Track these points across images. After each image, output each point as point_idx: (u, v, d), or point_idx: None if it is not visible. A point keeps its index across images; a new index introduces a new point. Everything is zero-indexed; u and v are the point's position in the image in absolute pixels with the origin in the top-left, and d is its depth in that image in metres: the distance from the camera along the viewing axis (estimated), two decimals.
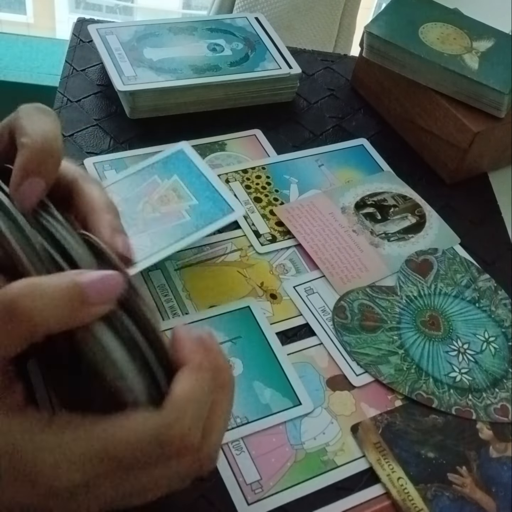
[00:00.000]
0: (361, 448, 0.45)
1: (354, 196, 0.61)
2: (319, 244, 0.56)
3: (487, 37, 0.67)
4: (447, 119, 0.63)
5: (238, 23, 0.72)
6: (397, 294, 0.53)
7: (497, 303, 0.54)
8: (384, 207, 0.61)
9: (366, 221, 0.59)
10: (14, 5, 2.20)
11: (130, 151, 0.61)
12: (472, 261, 0.57)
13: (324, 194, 0.61)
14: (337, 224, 0.58)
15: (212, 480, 0.42)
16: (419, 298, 0.53)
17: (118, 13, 2.28)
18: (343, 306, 0.52)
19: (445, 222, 0.60)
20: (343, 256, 0.56)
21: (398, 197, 0.62)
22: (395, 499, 0.42)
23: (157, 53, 0.66)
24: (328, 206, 0.60)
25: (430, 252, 0.57)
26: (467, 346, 0.51)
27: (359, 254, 0.56)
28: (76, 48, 0.71)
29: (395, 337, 0.50)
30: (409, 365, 0.49)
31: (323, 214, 0.59)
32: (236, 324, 0.50)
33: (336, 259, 0.55)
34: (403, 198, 0.62)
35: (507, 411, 0.47)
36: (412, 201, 0.62)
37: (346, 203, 0.60)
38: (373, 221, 0.59)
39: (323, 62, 0.76)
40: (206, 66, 0.66)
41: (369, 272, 0.55)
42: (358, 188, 0.62)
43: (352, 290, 0.53)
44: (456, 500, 0.43)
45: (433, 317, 0.52)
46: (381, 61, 0.66)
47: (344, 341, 0.50)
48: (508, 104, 0.61)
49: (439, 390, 0.48)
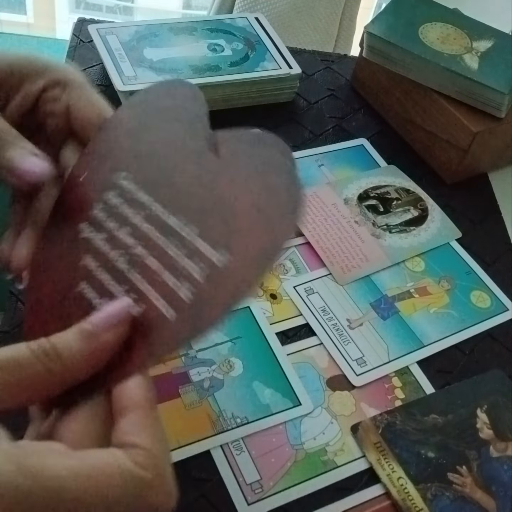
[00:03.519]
0: (361, 448, 0.45)
1: (358, 188, 0.62)
2: (321, 233, 0.57)
3: (487, 37, 0.67)
4: (447, 119, 0.63)
5: (238, 23, 0.72)
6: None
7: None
8: (387, 200, 0.61)
9: (369, 212, 0.59)
10: (14, 5, 2.20)
11: None
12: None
13: (328, 185, 0.62)
14: (339, 214, 0.59)
15: (212, 480, 0.42)
16: None
17: (118, 13, 2.28)
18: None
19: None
20: (344, 246, 0.56)
21: (401, 191, 0.62)
22: (395, 499, 0.42)
23: (157, 53, 0.66)
24: (331, 197, 0.60)
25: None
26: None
27: (360, 245, 0.57)
28: (76, 48, 0.71)
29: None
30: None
31: (326, 204, 0.59)
32: (236, 324, 0.50)
33: (337, 248, 0.56)
34: (406, 191, 0.62)
35: None
36: (415, 195, 0.62)
37: (349, 195, 0.61)
38: (375, 213, 0.60)
39: (323, 62, 0.76)
40: (206, 66, 0.66)
41: (369, 262, 0.55)
42: (362, 180, 0.63)
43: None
44: (456, 500, 0.43)
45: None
46: (381, 61, 0.66)
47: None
48: (508, 104, 0.61)
49: None
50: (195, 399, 0.45)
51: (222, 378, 0.47)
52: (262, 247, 0.31)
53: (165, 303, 0.33)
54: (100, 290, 0.35)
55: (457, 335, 0.53)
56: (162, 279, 0.34)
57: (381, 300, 0.54)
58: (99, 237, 0.36)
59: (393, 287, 0.55)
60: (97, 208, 0.37)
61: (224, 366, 0.47)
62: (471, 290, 0.56)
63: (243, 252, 0.32)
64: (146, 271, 0.34)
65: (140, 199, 0.36)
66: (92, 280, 0.36)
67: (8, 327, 0.47)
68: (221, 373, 0.47)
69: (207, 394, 0.46)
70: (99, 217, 0.37)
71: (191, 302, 0.33)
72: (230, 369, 0.47)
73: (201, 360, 0.47)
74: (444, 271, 0.57)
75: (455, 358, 0.52)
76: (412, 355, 0.51)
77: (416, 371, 0.50)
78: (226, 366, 0.47)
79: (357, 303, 0.53)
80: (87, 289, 0.36)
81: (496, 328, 0.54)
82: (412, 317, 0.53)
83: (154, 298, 0.34)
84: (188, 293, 0.33)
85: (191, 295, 0.33)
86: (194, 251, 0.33)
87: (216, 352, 0.48)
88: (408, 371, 0.50)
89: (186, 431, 0.44)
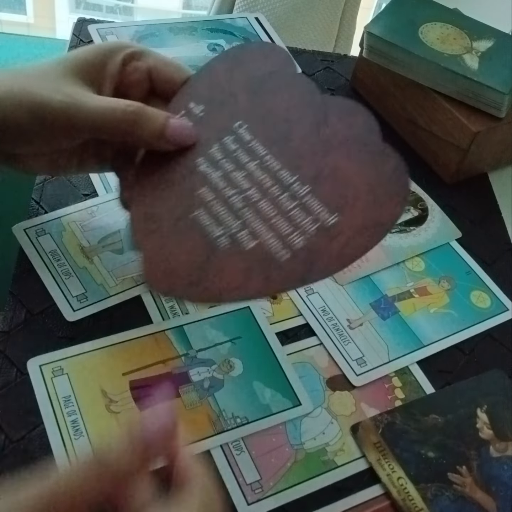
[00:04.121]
0: (361, 448, 0.45)
1: None
2: None
3: (487, 37, 0.67)
4: (447, 119, 0.63)
5: (238, 23, 0.72)
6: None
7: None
8: None
9: None
10: (14, 5, 2.19)
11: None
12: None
13: None
14: None
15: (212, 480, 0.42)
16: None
17: (118, 13, 2.28)
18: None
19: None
20: None
21: None
22: (395, 499, 0.42)
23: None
24: None
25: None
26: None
27: None
28: (76, 48, 0.70)
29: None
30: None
31: None
32: (236, 324, 0.50)
33: None
34: None
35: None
36: (415, 195, 0.62)
37: None
38: None
39: (323, 62, 0.76)
40: None
41: (369, 263, 0.55)
42: None
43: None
44: (456, 500, 0.43)
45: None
46: (381, 61, 0.66)
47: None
48: (508, 104, 0.61)
49: None
50: (195, 399, 0.45)
51: (222, 378, 0.47)
52: (371, 220, 0.34)
53: (278, 243, 0.36)
54: (215, 219, 0.38)
55: (457, 335, 0.53)
56: (275, 222, 0.36)
57: (381, 300, 0.54)
58: (216, 174, 0.39)
59: (393, 287, 0.55)
60: (213, 147, 0.40)
61: (224, 366, 0.47)
62: (471, 290, 0.56)
63: (354, 219, 0.34)
64: (259, 212, 0.37)
65: (256, 149, 0.39)
66: (208, 209, 0.39)
67: (8, 327, 0.47)
68: (221, 373, 0.47)
69: (207, 394, 0.46)
70: (216, 156, 0.40)
71: (303, 248, 0.35)
72: (230, 369, 0.47)
73: (201, 360, 0.47)
74: (444, 271, 0.57)
75: (455, 358, 0.52)
76: (412, 355, 0.51)
77: (416, 371, 0.50)
78: (226, 366, 0.47)
79: (357, 303, 0.53)
80: (203, 215, 0.39)
81: (496, 328, 0.54)
82: (412, 317, 0.53)
83: (267, 237, 0.36)
84: (300, 240, 0.35)
85: (302, 242, 0.35)
86: (306, 205, 0.36)
87: (216, 352, 0.48)
88: (408, 371, 0.50)
89: (186, 431, 0.44)
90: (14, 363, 0.45)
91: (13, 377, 0.45)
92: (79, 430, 0.43)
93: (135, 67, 0.45)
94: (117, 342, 0.47)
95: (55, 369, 0.45)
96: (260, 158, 0.38)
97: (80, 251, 0.52)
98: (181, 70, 0.45)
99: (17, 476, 0.27)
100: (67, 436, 0.42)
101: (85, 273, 0.50)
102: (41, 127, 0.41)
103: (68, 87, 0.42)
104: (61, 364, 0.45)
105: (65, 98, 0.41)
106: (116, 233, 0.53)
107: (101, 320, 0.48)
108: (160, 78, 0.46)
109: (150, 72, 0.45)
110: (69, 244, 0.52)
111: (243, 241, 0.37)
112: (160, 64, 0.45)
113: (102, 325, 0.48)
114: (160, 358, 0.47)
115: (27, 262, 0.50)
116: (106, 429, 0.43)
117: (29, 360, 0.45)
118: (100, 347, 0.47)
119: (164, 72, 0.45)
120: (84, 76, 0.44)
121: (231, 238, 0.37)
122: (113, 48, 0.45)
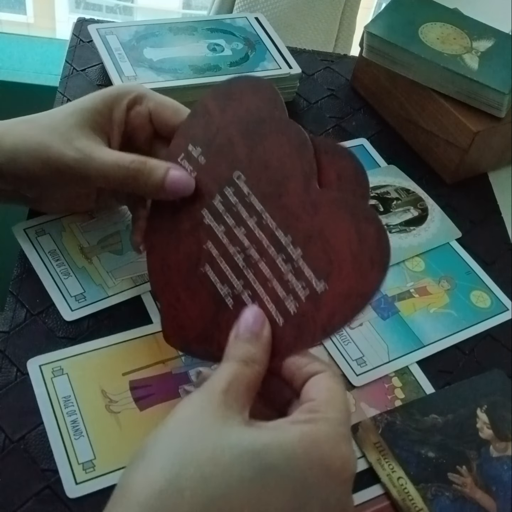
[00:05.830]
0: (361, 448, 0.45)
1: None
2: None
3: (487, 37, 0.67)
4: (447, 119, 0.63)
5: (238, 23, 0.72)
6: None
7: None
8: (386, 200, 0.61)
9: None
10: (14, 5, 2.19)
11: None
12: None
13: None
14: None
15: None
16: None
17: (118, 13, 2.28)
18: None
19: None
20: None
21: (401, 191, 0.62)
22: (395, 499, 0.42)
23: (157, 53, 0.66)
24: None
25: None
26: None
27: None
28: (76, 48, 0.71)
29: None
30: None
31: None
32: None
33: None
34: (406, 191, 0.62)
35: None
36: (415, 195, 0.62)
37: None
38: None
39: (323, 62, 0.76)
40: (206, 66, 0.66)
41: None
42: None
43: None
44: (456, 500, 0.43)
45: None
46: (381, 61, 0.66)
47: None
48: (508, 104, 0.61)
49: None
50: None
51: None
52: (354, 289, 0.34)
53: (274, 307, 0.37)
54: (220, 277, 0.39)
55: (457, 335, 0.53)
56: (272, 285, 0.37)
57: (381, 300, 0.54)
58: (220, 228, 0.40)
59: (393, 287, 0.55)
60: (216, 198, 0.41)
61: None
62: (471, 290, 0.56)
63: (339, 288, 0.34)
64: (259, 274, 0.38)
65: (253, 204, 0.39)
66: (215, 266, 0.40)
67: (8, 327, 0.47)
68: None
69: None
70: (219, 208, 0.40)
71: (294, 315, 0.36)
72: None
73: (201, 360, 0.47)
74: (444, 271, 0.57)
75: (455, 358, 0.52)
76: (412, 355, 0.51)
77: (416, 371, 0.50)
78: None
79: None
80: (210, 272, 0.40)
81: (496, 328, 0.54)
82: (412, 317, 0.53)
83: (265, 300, 0.37)
84: (293, 306, 0.36)
85: (295, 308, 0.36)
86: (298, 270, 0.36)
87: None
88: (408, 371, 0.50)
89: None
90: (14, 363, 0.45)
91: (13, 377, 0.45)
92: (79, 430, 0.43)
93: (137, 112, 0.47)
94: (117, 342, 0.47)
95: (55, 369, 0.45)
96: (257, 215, 0.38)
97: (80, 251, 0.52)
98: (179, 112, 0.47)
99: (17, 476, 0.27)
100: (67, 436, 0.42)
101: (84, 273, 0.50)
102: (55, 177, 0.44)
103: (80, 141, 0.44)
104: (61, 364, 0.45)
105: (77, 154, 0.44)
106: (115, 234, 0.53)
107: (102, 320, 0.48)
108: (160, 121, 0.47)
109: (150, 116, 0.47)
110: (68, 244, 0.52)
111: (246, 302, 0.38)
112: (159, 108, 0.47)
113: (103, 325, 0.48)
114: (160, 358, 0.47)
115: (27, 262, 0.50)
116: (106, 429, 0.43)
117: (29, 360, 0.45)
118: (100, 347, 0.47)
119: (163, 115, 0.47)
120: (94, 126, 0.46)
121: (236, 299, 0.39)
122: (118, 94, 0.47)
